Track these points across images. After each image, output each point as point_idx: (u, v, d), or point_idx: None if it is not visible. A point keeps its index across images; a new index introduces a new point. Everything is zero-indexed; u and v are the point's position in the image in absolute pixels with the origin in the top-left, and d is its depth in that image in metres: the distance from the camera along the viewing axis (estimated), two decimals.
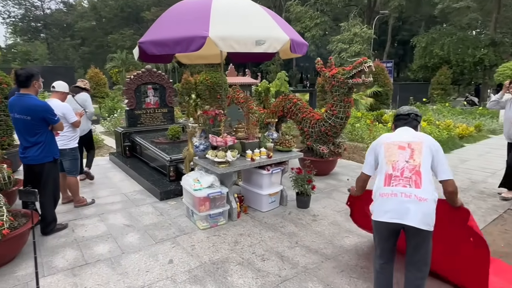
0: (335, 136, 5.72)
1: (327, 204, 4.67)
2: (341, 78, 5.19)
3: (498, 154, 7.63)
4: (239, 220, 4.10)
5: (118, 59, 28.89)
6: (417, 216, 2.03)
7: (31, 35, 45.68)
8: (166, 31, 3.57)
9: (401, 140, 2.30)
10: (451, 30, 23.84)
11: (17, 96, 3.40)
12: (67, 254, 3.30)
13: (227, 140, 3.84)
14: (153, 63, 4.85)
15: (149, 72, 7.18)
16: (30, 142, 3.44)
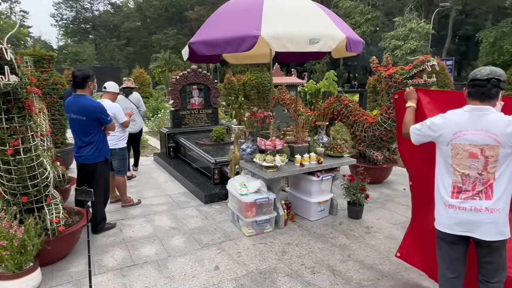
0: (391, 141, 5.49)
1: (382, 215, 4.49)
2: (399, 78, 4.98)
3: None
4: (286, 228, 4.07)
5: (162, 59, 30.20)
6: (489, 229, 1.93)
7: (80, 37, 49.29)
8: (216, 31, 3.65)
9: (470, 144, 1.96)
10: None
11: (74, 97, 3.66)
12: (116, 253, 3.48)
13: (276, 144, 3.83)
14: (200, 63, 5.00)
15: (195, 73, 7.41)
16: (85, 142, 3.68)
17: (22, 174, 2.87)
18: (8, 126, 2.76)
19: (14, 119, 2.78)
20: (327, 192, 4.34)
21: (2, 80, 2.41)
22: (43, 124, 4.27)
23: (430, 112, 2.45)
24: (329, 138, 4.86)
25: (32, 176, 2.95)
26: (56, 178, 4.25)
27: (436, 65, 4.76)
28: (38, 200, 3.11)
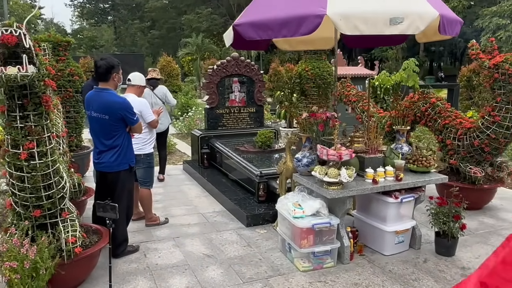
0: (496, 153, 5.21)
1: (482, 252, 4.24)
2: (509, 69, 4.73)
3: None
4: (352, 263, 3.97)
5: (193, 45, 31.03)
6: None
7: (98, 18, 52.20)
8: (269, 9, 3.68)
9: None
10: None
11: (96, 92, 3.84)
12: (140, 284, 3.59)
13: (341, 154, 3.76)
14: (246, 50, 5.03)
15: (236, 62, 7.51)
16: (106, 146, 3.85)
17: (36, 182, 3.04)
18: (22, 125, 2.93)
19: (30, 117, 2.95)
20: (407, 218, 4.20)
21: (20, 71, 2.58)
22: (59, 123, 4.50)
23: None
24: (410, 147, 4.70)
25: (47, 185, 3.11)
26: (71, 188, 4.46)
27: None
28: (52, 215, 3.27)
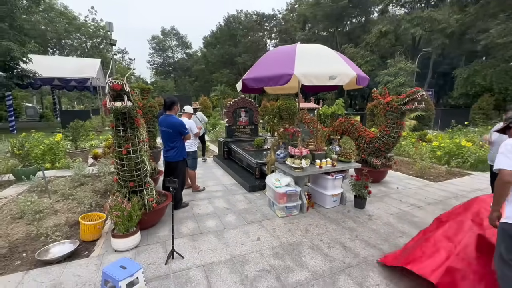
0: (387, 151, 5.19)
1: (380, 207, 4.22)
2: (395, 104, 4.72)
3: None
4: (308, 212, 3.94)
5: (218, 90, 30.93)
6: None
7: (165, 75, 51.79)
8: (262, 70, 3.66)
9: None
10: (494, 63, 20.07)
11: (165, 116, 3.82)
12: (189, 224, 3.54)
13: (302, 151, 3.75)
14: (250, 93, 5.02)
15: (243, 100, 7.48)
16: (170, 146, 3.82)
17: (130, 167, 3.02)
18: (123, 135, 2.92)
19: (127, 130, 2.93)
20: (338, 187, 4.17)
21: (122, 105, 2.57)
22: (144, 134, 4.46)
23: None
24: (340, 147, 4.68)
25: (137, 169, 3.08)
26: (151, 170, 4.43)
27: (424, 95, 4.46)
28: (140, 185, 3.24)
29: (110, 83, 2.48)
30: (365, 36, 27.84)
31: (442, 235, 2.27)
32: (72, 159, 6.22)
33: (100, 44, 34.34)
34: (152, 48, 50.59)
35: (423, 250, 2.25)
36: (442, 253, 2.13)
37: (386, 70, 22.48)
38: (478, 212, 2.29)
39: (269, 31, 41.79)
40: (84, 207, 3.92)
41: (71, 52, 32.28)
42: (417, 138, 9.56)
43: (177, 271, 2.54)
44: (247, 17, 42.95)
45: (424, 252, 2.23)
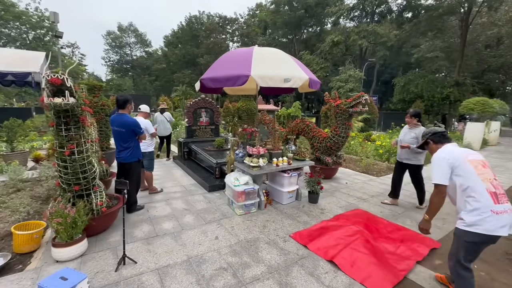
0: (338, 150, 5.52)
1: (331, 201, 4.47)
2: (343, 107, 5.05)
3: None
4: (265, 209, 3.99)
5: (180, 91, 29.79)
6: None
7: (122, 73, 48.12)
8: (220, 71, 3.60)
9: (480, 158, 1.88)
10: (424, 74, 22.89)
11: (117, 115, 3.52)
12: (144, 228, 3.32)
13: (260, 150, 3.78)
14: (209, 93, 4.89)
15: (203, 100, 7.30)
16: (123, 147, 3.53)
17: (76, 169, 2.71)
18: (66, 134, 2.62)
19: (71, 129, 2.63)
20: (294, 184, 4.30)
21: (64, 101, 2.29)
22: (93, 134, 4.07)
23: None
24: (296, 147, 4.85)
25: (83, 171, 2.78)
26: (101, 172, 4.06)
27: (368, 99, 4.85)
28: (87, 188, 2.93)
29: (48, 77, 2.19)
30: (320, 44, 29.43)
31: (342, 234, 3.11)
32: (6, 162, 5.39)
33: (45, 36, 30.50)
34: (108, 44, 46.61)
35: (328, 242, 2.98)
36: (340, 244, 2.91)
37: (338, 76, 24.06)
38: (366, 221, 3.49)
39: (231, 34, 41.64)
40: (19, 215, 3.42)
41: (8, 43, 28.06)
42: (364, 138, 10.39)
43: (128, 277, 2.35)
44: (210, 19, 42.28)
45: (328, 242, 2.97)
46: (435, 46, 23.12)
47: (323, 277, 2.43)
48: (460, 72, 21.17)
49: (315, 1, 31.47)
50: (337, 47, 27.23)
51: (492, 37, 21.95)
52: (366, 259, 2.61)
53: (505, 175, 6.39)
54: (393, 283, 2.30)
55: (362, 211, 3.93)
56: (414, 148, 3.81)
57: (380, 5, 27.21)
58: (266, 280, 2.35)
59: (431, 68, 24.33)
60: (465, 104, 11.94)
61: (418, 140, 3.77)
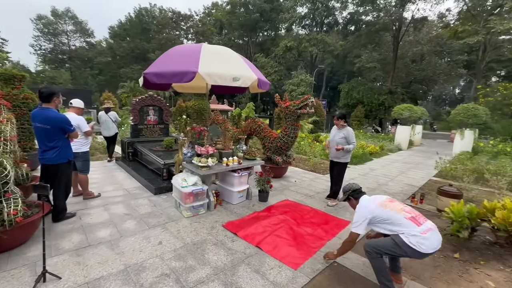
0: (287, 149, 5.73)
1: (280, 198, 4.58)
2: (292, 108, 5.25)
3: (394, 166, 8.09)
4: (215, 210, 3.91)
5: (128, 87, 27.47)
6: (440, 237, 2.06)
7: (57, 65, 42.31)
8: (165, 66, 3.41)
9: (384, 199, 2.23)
10: (364, 82, 25.50)
11: (39, 109, 3.04)
12: (73, 237, 2.93)
13: (208, 150, 3.69)
14: (155, 89, 4.59)
15: (151, 97, 6.85)
16: (48, 147, 3.07)
17: None
18: None
19: None
20: (245, 184, 4.31)
21: None
22: (7, 131, 3.41)
23: None
24: (247, 147, 4.87)
25: None
26: (19, 176, 3.46)
27: (314, 101, 5.13)
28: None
29: None
30: (274, 48, 30.41)
31: (269, 223, 3.45)
32: None
33: None
34: (39, 30, 40.47)
35: (257, 229, 3.26)
36: (266, 232, 3.22)
37: (291, 80, 25.17)
38: (293, 210, 3.99)
39: (185, 31, 40.17)
40: None
41: None
42: (313, 139, 11.05)
43: None
44: (162, 13, 40.08)
45: (256, 230, 3.25)
46: (373, 58, 25.97)
47: (268, 273, 2.47)
48: (392, 82, 24.16)
49: (270, 7, 32.44)
50: (290, 52, 28.50)
51: (416, 53, 25.64)
52: (287, 242, 2.99)
53: (424, 170, 7.48)
54: (305, 259, 2.71)
55: (290, 201, 4.43)
56: (347, 147, 4.14)
57: (328, 17, 29.43)
58: (211, 282, 2.29)
59: (370, 77, 27.27)
60: (396, 110, 13.66)
61: (347, 139, 4.15)
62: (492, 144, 10.36)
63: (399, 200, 2.29)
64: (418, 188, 5.61)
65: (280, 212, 3.84)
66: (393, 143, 12.33)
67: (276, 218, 3.61)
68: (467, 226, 3.03)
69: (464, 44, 18.72)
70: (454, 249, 3.05)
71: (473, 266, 2.72)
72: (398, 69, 25.65)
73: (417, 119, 13.47)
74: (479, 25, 16.80)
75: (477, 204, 3.53)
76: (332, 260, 2.61)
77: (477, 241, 3.21)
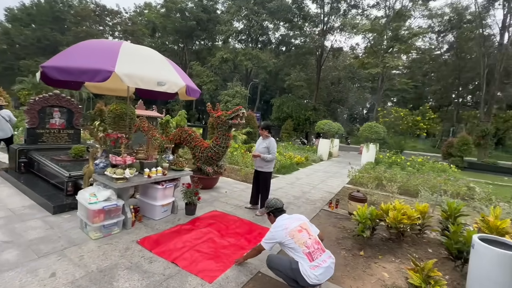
0: (218, 160, 5.64)
1: (208, 210, 4.43)
2: (224, 118, 5.24)
3: (317, 175, 8.95)
4: (133, 228, 3.45)
5: (29, 83, 22.53)
6: (332, 269, 2.30)
7: None
8: (73, 60, 2.88)
9: (296, 226, 2.34)
10: (293, 98, 27.92)
11: None
12: None
13: (126, 160, 3.27)
14: (60, 87, 3.80)
15: (57, 97, 5.73)
16: None
17: None
18: None
19: None
20: (170, 196, 3.99)
21: None
22: None
23: None
24: (174, 156, 4.57)
25: None
26: None
27: (245, 113, 5.24)
28: None
29: None
30: (210, 58, 30.37)
31: (191, 237, 3.29)
32: None
33: None
34: None
35: (176, 245, 3.07)
36: (185, 247, 3.06)
37: (226, 91, 25.47)
38: (219, 221, 3.90)
39: (111, 28, 36.23)
40: None
41: None
42: (246, 150, 11.28)
43: None
44: (82, 2, 35.22)
45: (175, 245, 3.06)
46: (300, 77, 28.85)
47: None
48: (316, 100, 27.25)
49: (207, 17, 32.51)
50: (226, 64, 28.97)
51: (335, 77, 29.82)
52: (206, 256, 2.89)
53: (340, 179, 8.52)
54: (223, 270, 2.66)
55: (218, 212, 4.32)
56: (264, 156, 4.36)
57: (263, 35, 31.36)
58: None
59: (298, 94, 30.11)
60: (318, 125, 15.38)
61: (268, 149, 4.39)
62: (388, 156, 12.68)
63: (309, 226, 2.44)
64: (335, 194, 6.32)
65: (205, 225, 3.71)
66: (316, 154, 13.71)
67: (200, 231, 3.47)
68: (369, 226, 3.53)
69: (369, 73, 22.77)
70: (360, 247, 3.48)
71: (374, 261, 3.15)
72: (321, 89, 29.17)
73: (335, 134, 15.44)
74: (379, 60, 20.74)
75: (376, 206, 4.18)
76: (240, 262, 2.78)
77: (376, 238, 3.76)
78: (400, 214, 3.55)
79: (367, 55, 23.53)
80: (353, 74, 29.84)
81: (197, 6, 32.59)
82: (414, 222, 3.58)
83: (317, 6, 25.88)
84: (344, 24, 23.50)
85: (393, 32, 20.77)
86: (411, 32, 20.53)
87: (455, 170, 9.74)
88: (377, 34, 21.71)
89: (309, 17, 26.03)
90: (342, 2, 25.00)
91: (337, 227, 4.22)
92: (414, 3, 22.62)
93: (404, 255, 3.34)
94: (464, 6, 24.66)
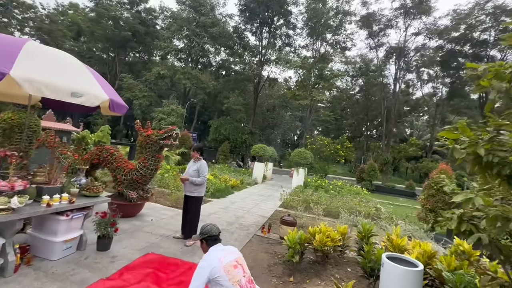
0: (145, 183, 5.07)
1: (128, 244, 3.83)
2: (154, 138, 4.83)
3: (251, 199, 9.01)
4: (15, 275, 2.64)
5: None
6: None
7: None
8: None
9: (231, 260, 2.12)
10: (231, 120, 28.42)
11: None
12: None
13: (14, 185, 2.56)
14: None
15: None
16: None
17: None
18: None
19: None
20: (77, 229, 3.29)
21: None
22: None
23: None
24: (87, 179, 3.87)
25: None
26: None
27: (179, 133, 4.96)
28: None
29: None
30: (146, 72, 28.60)
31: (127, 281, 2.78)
32: None
33: None
34: None
35: None
36: None
37: (161, 108, 24.08)
38: (157, 268, 3.14)
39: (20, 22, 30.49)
40: None
41: None
42: (178, 172, 10.60)
43: None
44: None
45: None
46: (239, 101, 29.83)
47: None
48: (253, 124, 28.42)
49: (145, 30, 31.04)
50: (163, 80, 27.74)
51: (270, 104, 31.98)
52: None
53: (272, 202, 8.78)
54: None
55: (154, 255, 3.51)
56: (192, 179, 4.14)
57: (204, 57, 31.66)
58: None
59: (236, 117, 30.85)
60: (254, 148, 15.90)
61: (199, 172, 4.20)
62: (315, 180, 13.91)
63: (243, 261, 2.25)
64: (268, 218, 6.41)
65: (139, 279, 2.83)
66: (251, 177, 13.94)
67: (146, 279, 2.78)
68: (298, 251, 3.63)
69: (299, 104, 25.33)
70: (290, 273, 3.52)
71: (303, 286, 3.21)
72: (257, 114, 30.68)
73: (269, 157, 16.17)
74: (307, 93, 23.42)
75: (305, 230, 4.39)
76: None
77: (305, 262, 3.89)
78: (325, 237, 3.79)
79: (298, 88, 26.29)
80: (286, 103, 32.67)
81: (134, 17, 30.90)
82: (336, 244, 3.87)
83: (256, 38, 28.00)
84: (279, 58, 25.94)
85: (319, 71, 24.08)
86: (332, 73, 24.28)
87: (366, 193, 11.34)
88: (306, 71, 24.69)
89: (248, 47, 27.78)
90: (278, 39, 27.78)
91: (269, 252, 4.22)
92: (335, 50, 27.06)
93: (328, 277, 3.53)
94: (370, 59, 30.89)
